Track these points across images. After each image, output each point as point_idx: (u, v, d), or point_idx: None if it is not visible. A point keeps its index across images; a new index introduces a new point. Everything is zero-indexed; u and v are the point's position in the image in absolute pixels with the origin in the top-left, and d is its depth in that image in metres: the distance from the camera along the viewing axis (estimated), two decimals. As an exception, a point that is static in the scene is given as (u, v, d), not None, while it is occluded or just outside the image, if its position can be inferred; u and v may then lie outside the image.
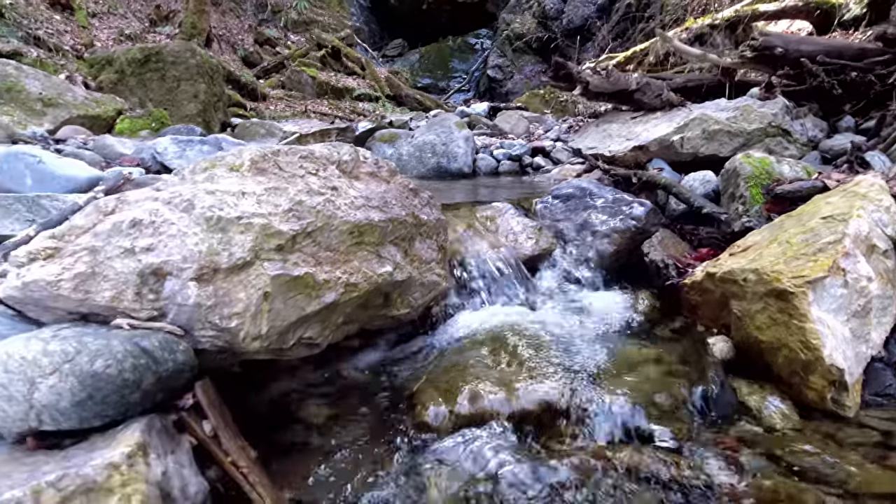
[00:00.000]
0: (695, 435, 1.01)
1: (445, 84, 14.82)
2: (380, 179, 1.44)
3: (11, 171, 1.66)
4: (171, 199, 0.91)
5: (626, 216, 1.87)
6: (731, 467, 0.90)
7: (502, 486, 0.91)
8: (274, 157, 1.10)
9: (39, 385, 0.68)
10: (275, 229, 0.95)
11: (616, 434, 1.03)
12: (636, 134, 2.43)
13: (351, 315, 1.15)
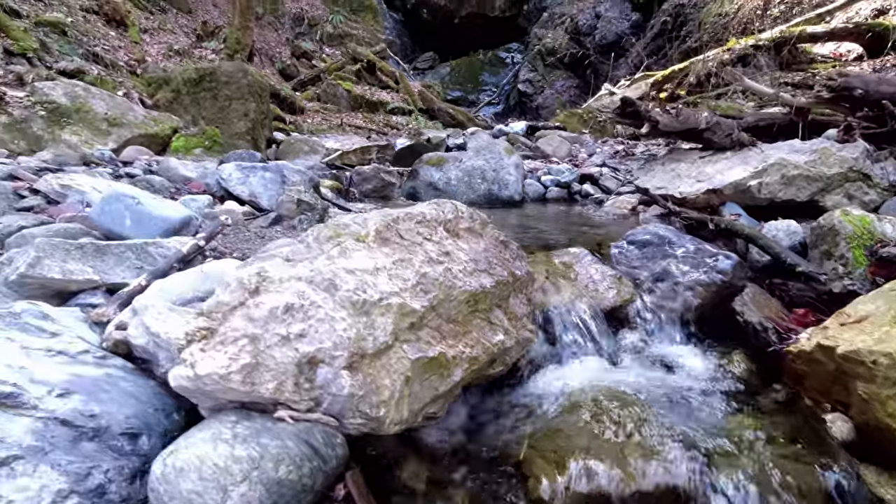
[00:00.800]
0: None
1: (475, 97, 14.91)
2: (476, 234, 1.44)
3: (113, 212, 1.72)
4: (312, 279, 0.92)
5: (710, 269, 1.83)
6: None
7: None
8: (395, 224, 1.11)
9: (231, 493, 0.69)
10: (409, 308, 0.95)
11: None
12: (708, 175, 2.38)
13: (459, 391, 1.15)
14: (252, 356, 0.80)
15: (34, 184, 2.42)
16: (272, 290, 0.89)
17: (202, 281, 1.43)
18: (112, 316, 1.33)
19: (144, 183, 2.87)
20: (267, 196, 2.95)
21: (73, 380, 1.07)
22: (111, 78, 5.64)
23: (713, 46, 9.20)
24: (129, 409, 1.09)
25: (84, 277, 1.37)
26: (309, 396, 0.83)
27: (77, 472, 0.94)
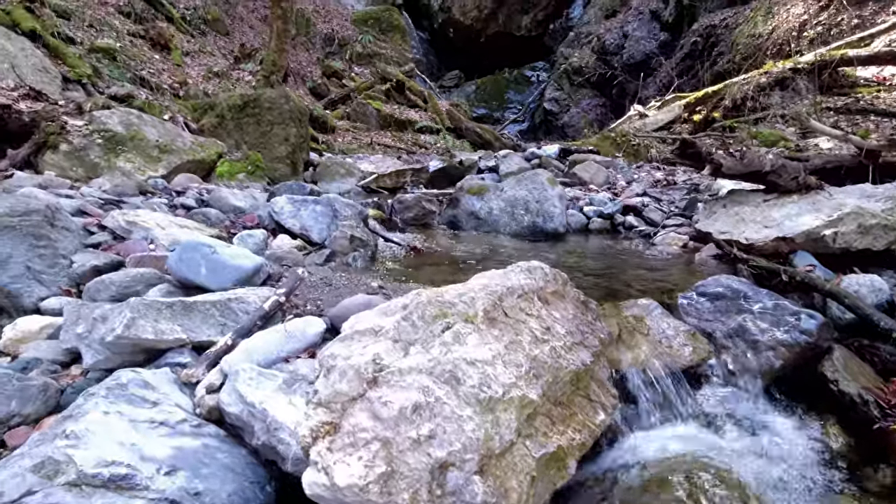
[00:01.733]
0: None
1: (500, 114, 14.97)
2: (561, 296, 1.41)
3: (189, 261, 1.74)
4: (432, 370, 0.90)
5: (792, 328, 1.75)
6: None
7: None
8: (500, 303, 1.09)
9: None
10: (528, 399, 0.92)
11: None
12: (775, 221, 2.31)
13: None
14: (387, 463, 0.78)
15: (102, 220, 2.49)
16: (394, 382, 0.87)
17: (286, 340, 1.42)
18: (201, 377, 1.33)
19: (201, 216, 2.93)
20: (317, 229, 2.98)
21: (176, 454, 1.07)
22: (158, 102, 5.83)
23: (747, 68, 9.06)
24: (229, 484, 1.08)
25: (174, 337, 1.38)
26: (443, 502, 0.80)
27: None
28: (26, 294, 1.94)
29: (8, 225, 2.00)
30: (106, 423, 1.02)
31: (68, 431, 0.95)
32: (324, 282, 1.95)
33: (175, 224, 2.53)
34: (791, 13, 9.51)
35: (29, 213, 2.07)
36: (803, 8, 9.37)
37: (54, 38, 5.93)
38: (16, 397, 1.23)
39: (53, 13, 6.58)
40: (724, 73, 9.68)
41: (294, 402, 1.19)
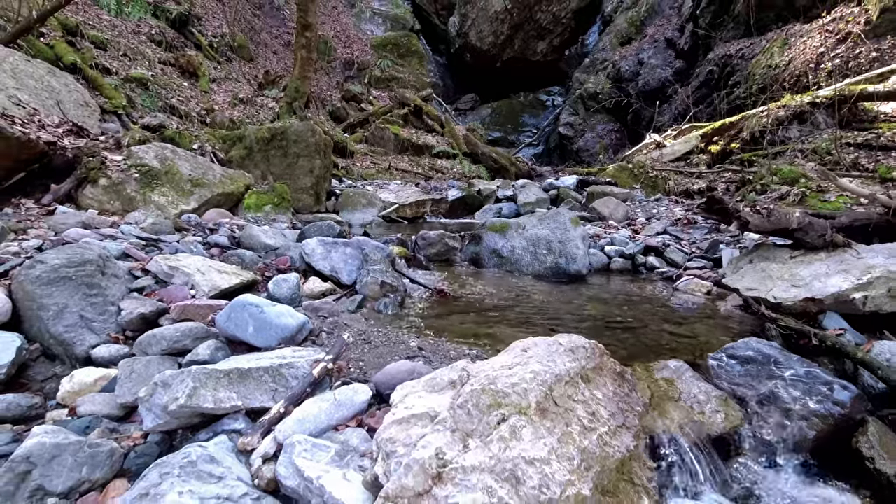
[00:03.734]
0: None
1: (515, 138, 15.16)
2: (600, 371, 1.46)
3: (237, 319, 1.83)
4: (493, 468, 0.96)
5: (825, 398, 1.78)
6: None
7: None
8: (550, 392, 1.15)
9: None
10: (582, 496, 0.98)
11: None
12: (803, 280, 2.34)
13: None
14: None
15: (146, 264, 2.61)
16: (458, 481, 0.94)
17: (335, 409, 1.49)
18: (256, 445, 1.40)
19: (236, 258, 3.04)
20: (347, 271, 3.07)
21: (241, 531, 1.13)
22: (188, 131, 6.05)
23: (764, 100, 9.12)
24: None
25: (230, 405, 1.46)
26: None
27: None
28: (79, 343, 2.05)
29: (65, 276, 2.12)
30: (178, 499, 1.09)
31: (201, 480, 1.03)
32: (363, 339, 2.02)
33: (214, 269, 2.64)
34: (808, 45, 9.59)
35: (83, 264, 2.20)
36: (820, 41, 9.44)
37: (92, 69, 6.22)
38: (86, 464, 1.31)
39: (92, 45, 6.90)
40: (740, 103, 9.75)
41: (348, 477, 1.25)
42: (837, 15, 9.55)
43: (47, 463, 1.26)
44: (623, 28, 13.94)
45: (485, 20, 14.89)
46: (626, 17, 14.02)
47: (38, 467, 1.25)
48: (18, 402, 1.68)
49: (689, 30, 12.30)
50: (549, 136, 14.47)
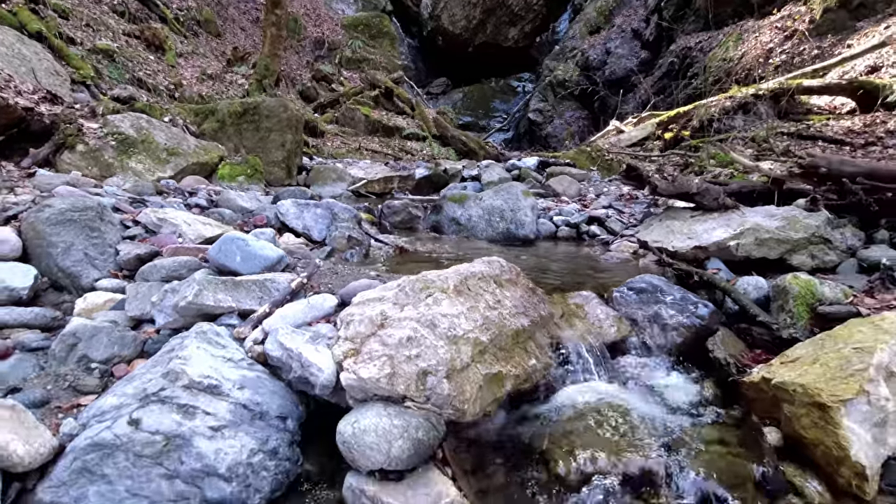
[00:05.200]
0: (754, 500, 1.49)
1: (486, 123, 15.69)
2: (514, 283, 2.00)
3: (226, 250, 2.28)
4: (419, 319, 1.46)
5: (692, 314, 2.38)
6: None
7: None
8: (465, 282, 1.66)
9: (393, 444, 1.22)
10: (480, 340, 1.50)
11: (697, 497, 1.51)
12: (696, 233, 2.95)
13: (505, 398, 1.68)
14: (391, 368, 1.34)
15: (136, 216, 2.99)
16: (395, 325, 1.44)
17: (309, 310, 1.97)
18: (248, 334, 1.87)
19: (217, 215, 3.44)
20: (318, 229, 3.53)
21: (241, 378, 1.61)
22: (158, 104, 6.27)
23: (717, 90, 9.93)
24: (276, 400, 1.63)
25: (227, 305, 1.92)
26: (423, 395, 1.35)
27: (260, 437, 1.48)
28: (84, 276, 2.45)
29: (70, 219, 2.51)
30: (198, 354, 1.55)
31: (179, 356, 1.49)
32: (331, 271, 2.50)
33: (198, 221, 3.05)
34: (759, 41, 10.46)
35: (85, 210, 2.58)
36: (770, 37, 10.32)
37: (58, 39, 6.34)
38: (117, 343, 1.76)
39: (54, 13, 6.97)
40: (696, 94, 10.55)
41: (319, 350, 1.73)
42: (786, 13, 10.44)
43: (89, 339, 1.70)
44: (592, 17, 14.58)
45: (457, 3, 15.25)
46: (596, 7, 14.66)
47: (83, 341, 1.69)
48: (44, 314, 2.09)
49: (654, 21, 13.05)
50: (518, 121, 15.03)
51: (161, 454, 1.33)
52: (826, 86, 7.83)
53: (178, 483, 1.35)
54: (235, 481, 1.39)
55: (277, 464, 1.47)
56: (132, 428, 1.33)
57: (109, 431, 1.32)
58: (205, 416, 1.42)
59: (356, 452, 1.22)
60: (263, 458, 1.45)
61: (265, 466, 1.44)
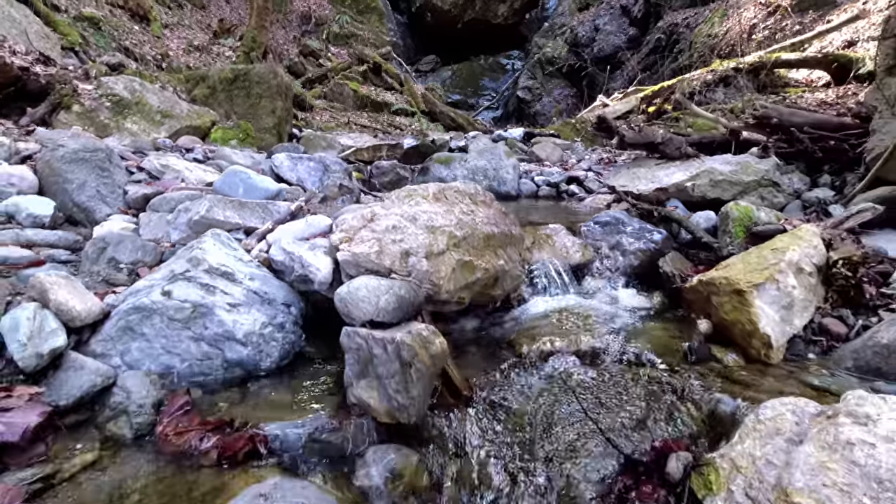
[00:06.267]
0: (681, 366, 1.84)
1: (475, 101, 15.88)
2: (487, 205, 2.32)
3: (230, 183, 2.57)
4: (403, 215, 1.78)
5: (648, 240, 2.73)
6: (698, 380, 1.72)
7: (572, 383, 1.75)
8: (443, 192, 1.97)
9: (381, 300, 1.53)
10: (454, 234, 1.81)
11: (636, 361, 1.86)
12: (659, 178, 3.29)
13: (478, 291, 2.01)
14: (379, 247, 1.65)
15: (140, 163, 3.25)
16: (382, 219, 1.75)
17: (307, 227, 2.28)
18: (254, 245, 2.17)
19: (215, 166, 3.70)
20: (311, 181, 3.81)
21: (251, 272, 1.92)
22: (148, 72, 6.44)
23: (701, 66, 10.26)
24: (281, 293, 1.94)
25: (234, 221, 2.21)
26: (405, 270, 1.67)
27: (269, 315, 1.79)
28: (97, 211, 2.71)
29: (83, 158, 2.77)
30: (214, 248, 1.86)
31: (200, 247, 1.79)
32: (324, 206, 2.80)
33: (199, 169, 3.32)
34: (743, 17, 10.78)
35: (96, 151, 2.84)
36: (754, 12, 10.64)
37: (43, 5, 6.45)
38: (140, 250, 2.05)
39: (39, -20, 7.04)
40: (681, 69, 10.87)
41: (317, 255, 2.04)
42: (770, -12, 10.75)
43: (116, 245, 1.99)
44: (581, -7, 14.75)
45: (446, -21, 15.31)
46: (585, -17, 14.82)
47: (111, 245, 1.98)
48: (66, 236, 2.36)
49: (642, -2, 13.27)
50: (507, 99, 15.25)
51: (189, 320, 1.64)
52: (803, 59, 8.19)
53: (204, 345, 1.66)
54: (250, 346, 1.70)
55: (284, 336, 1.79)
56: (165, 297, 1.64)
57: (147, 298, 1.62)
58: (223, 295, 1.73)
59: (350, 306, 1.53)
60: (272, 330, 1.76)
61: (274, 337, 1.76)
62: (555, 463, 1.42)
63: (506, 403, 1.66)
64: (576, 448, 1.46)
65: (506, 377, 1.80)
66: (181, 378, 1.62)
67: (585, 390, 1.74)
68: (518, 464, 1.43)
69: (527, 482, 1.37)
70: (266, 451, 1.33)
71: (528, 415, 1.62)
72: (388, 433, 1.48)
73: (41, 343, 1.38)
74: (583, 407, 1.47)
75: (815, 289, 2.07)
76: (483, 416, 1.60)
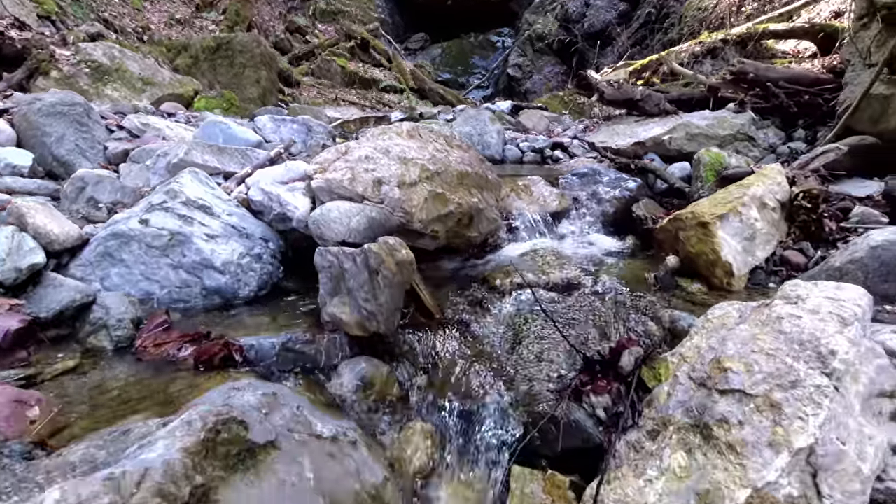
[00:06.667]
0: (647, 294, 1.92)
1: (465, 80, 15.77)
2: (464, 149, 2.37)
3: (210, 133, 2.60)
4: (376, 147, 1.83)
5: (623, 188, 2.80)
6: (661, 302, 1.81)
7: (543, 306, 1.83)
8: (417, 130, 2.02)
9: (352, 220, 1.59)
10: (427, 167, 1.87)
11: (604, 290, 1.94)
12: (637, 133, 3.35)
13: (451, 228, 2.07)
14: (351, 174, 1.71)
15: (120, 122, 3.26)
16: (355, 151, 1.80)
17: (287, 171, 2.32)
18: (233, 188, 2.21)
19: (196, 127, 3.71)
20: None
21: (230, 209, 1.97)
22: (128, 42, 6.36)
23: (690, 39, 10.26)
24: (259, 229, 1.99)
25: (213, 165, 2.25)
26: (378, 197, 1.73)
27: (246, 246, 1.85)
28: (77, 164, 2.73)
29: (61, 111, 2.77)
30: (192, 183, 1.90)
31: (177, 181, 1.84)
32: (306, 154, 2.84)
33: (180, 127, 3.33)
34: (733, -11, 10.76)
35: (74, 105, 2.85)
36: (743, -16, 10.62)
37: (19, -26, 6.31)
38: (119, 191, 2.09)
39: (13, -51, 6.88)
40: (671, 43, 10.87)
41: (295, 195, 2.10)
42: (760, -40, 10.71)
43: (95, 184, 2.03)
44: (572, -32, 14.60)
45: (434, -46, 15.08)
46: (575, -42, 14.66)
47: (90, 185, 2.02)
48: (46, 185, 2.39)
49: (633, -28, 13.17)
50: (498, 78, 15.17)
51: (167, 247, 1.70)
52: (791, 30, 8.22)
53: (182, 272, 1.72)
54: (228, 275, 1.76)
55: (262, 267, 1.85)
56: (142, 225, 1.69)
57: (125, 225, 1.67)
58: (201, 226, 1.78)
59: (323, 227, 1.59)
60: (250, 260, 1.82)
61: (252, 267, 1.82)
62: (519, 370, 1.50)
63: (476, 325, 1.74)
64: (540, 357, 1.54)
65: (478, 304, 1.88)
66: (161, 304, 1.68)
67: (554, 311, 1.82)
68: (484, 372, 1.51)
69: (492, 385, 1.45)
70: (241, 360, 1.40)
71: (496, 334, 1.70)
72: (361, 347, 1.55)
73: (20, 259, 1.43)
74: (549, 317, 1.55)
75: (779, 224, 2.16)
76: (453, 335, 1.67)
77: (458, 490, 1.32)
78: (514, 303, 1.91)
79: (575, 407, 1.30)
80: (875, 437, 0.92)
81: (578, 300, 1.87)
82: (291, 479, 0.94)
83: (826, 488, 0.88)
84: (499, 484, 1.28)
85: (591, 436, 1.25)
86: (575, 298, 1.90)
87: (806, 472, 0.88)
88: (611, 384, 1.30)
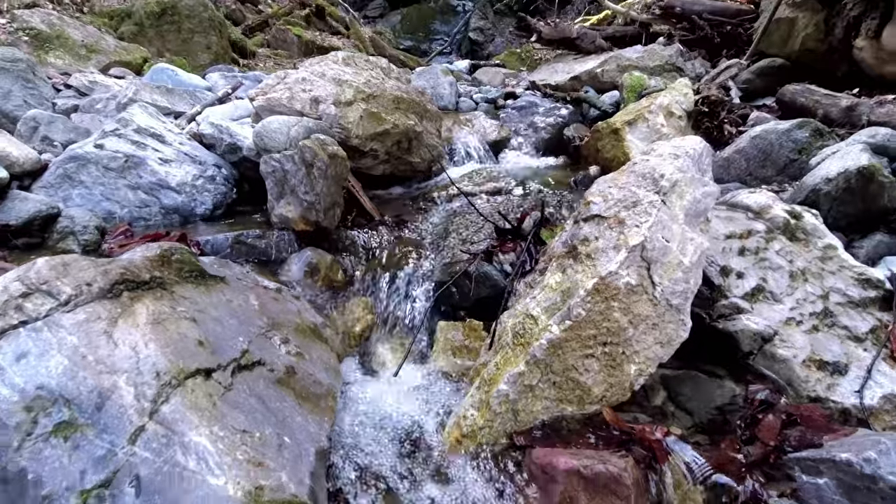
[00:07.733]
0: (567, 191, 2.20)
1: (427, 46, 15.69)
2: (402, 81, 2.57)
3: (158, 79, 2.73)
4: (313, 72, 2.02)
5: (556, 116, 3.06)
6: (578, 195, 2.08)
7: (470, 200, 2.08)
8: (352, 58, 2.22)
9: (291, 130, 1.80)
10: (362, 90, 2.07)
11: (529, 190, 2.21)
12: (574, 69, 3.60)
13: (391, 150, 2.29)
14: (290, 94, 1.90)
15: (67, 80, 3.33)
16: (293, 75, 1.99)
17: (235, 109, 2.49)
18: (184, 126, 2.38)
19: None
20: (246, 99, 3.95)
21: (182, 140, 2.14)
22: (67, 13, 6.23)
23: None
24: (211, 158, 2.18)
25: (163, 104, 2.41)
26: (316, 114, 1.93)
27: (200, 169, 2.04)
28: (28, 119, 2.83)
29: (3, 67, 2.85)
30: (142, 114, 2.06)
31: (128, 111, 2.00)
32: (255, 102, 2.99)
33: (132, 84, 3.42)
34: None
35: (16, 61, 2.93)
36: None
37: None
38: (73, 132, 2.23)
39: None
40: None
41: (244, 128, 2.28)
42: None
43: (48, 124, 2.17)
44: (527, -75, 14.54)
45: (386, -86, 14.77)
46: (531, -86, 14.59)
47: (43, 125, 2.16)
48: None
49: (588, -73, 13.23)
50: (460, 43, 15.13)
51: (124, 169, 1.88)
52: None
53: (140, 193, 1.90)
54: (184, 194, 1.96)
55: (215, 188, 2.04)
56: (98, 149, 1.86)
57: (81, 149, 1.84)
58: (154, 152, 1.97)
59: (266, 138, 1.79)
60: (204, 182, 2.02)
61: (206, 188, 2.02)
62: (446, 248, 1.76)
63: (413, 222, 1.99)
64: (465, 239, 1.80)
65: (417, 209, 2.13)
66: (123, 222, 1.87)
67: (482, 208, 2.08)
68: (415, 252, 1.77)
69: (420, 259, 1.71)
70: (199, 252, 1.62)
71: (429, 229, 1.95)
72: (308, 242, 1.78)
73: (-15, 175, 1.60)
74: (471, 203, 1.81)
75: (685, 130, 2.45)
76: (392, 231, 1.92)
77: (393, 344, 1.58)
78: (449, 209, 2.16)
79: (486, 265, 1.56)
80: (695, 239, 1.20)
81: (506, 199, 2.14)
82: (238, 302, 1.17)
83: (657, 277, 1.16)
84: (425, 333, 1.55)
85: (497, 283, 1.52)
86: (503, 198, 2.17)
87: (642, 267, 1.16)
88: (517, 244, 1.56)
